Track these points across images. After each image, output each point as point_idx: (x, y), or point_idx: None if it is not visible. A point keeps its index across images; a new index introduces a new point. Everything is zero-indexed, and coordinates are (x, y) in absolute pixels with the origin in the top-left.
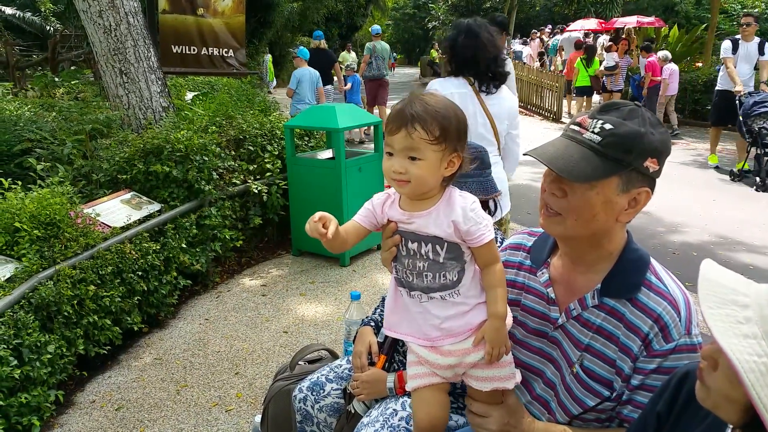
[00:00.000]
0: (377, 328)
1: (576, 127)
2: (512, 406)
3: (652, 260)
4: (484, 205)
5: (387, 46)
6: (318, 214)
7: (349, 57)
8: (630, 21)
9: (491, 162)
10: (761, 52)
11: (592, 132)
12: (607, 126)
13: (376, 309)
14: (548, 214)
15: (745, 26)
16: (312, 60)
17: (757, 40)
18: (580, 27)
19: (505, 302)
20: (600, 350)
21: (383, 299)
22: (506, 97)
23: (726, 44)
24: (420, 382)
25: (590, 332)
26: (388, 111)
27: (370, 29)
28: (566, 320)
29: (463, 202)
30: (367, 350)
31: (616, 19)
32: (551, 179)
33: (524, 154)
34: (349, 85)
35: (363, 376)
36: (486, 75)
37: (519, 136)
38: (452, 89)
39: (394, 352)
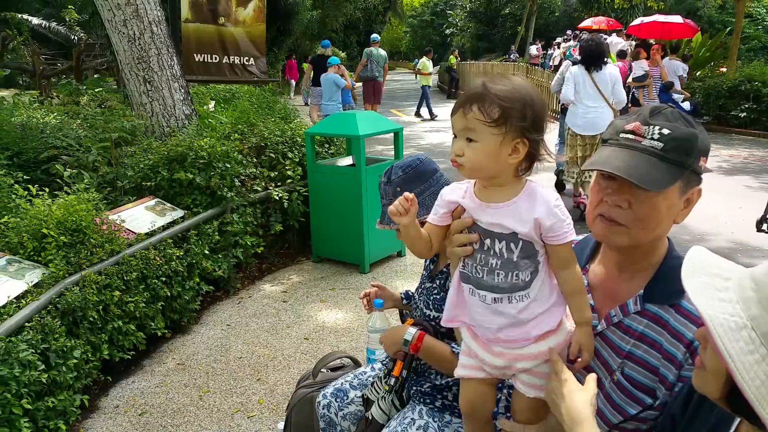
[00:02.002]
0: (406, 299)
1: (630, 135)
2: (550, 427)
3: None
4: None
5: (383, 52)
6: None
7: (429, 64)
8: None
9: (591, 107)
10: None
11: (652, 138)
12: (665, 131)
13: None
14: (608, 224)
15: None
16: (318, 65)
17: None
18: (590, 24)
19: (587, 306)
20: (642, 357)
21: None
22: (605, 71)
23: None
24: (466, 373)
25: (632, 339)
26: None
27: (371, 38)
28: (606, 327)
29: (548, 197)
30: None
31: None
32: (612, 190)
33: (584, 169)
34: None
35: (386, 333)
36: (591, 63)
37: (620, 90)
38: (574, 69)
39: (412, 361)
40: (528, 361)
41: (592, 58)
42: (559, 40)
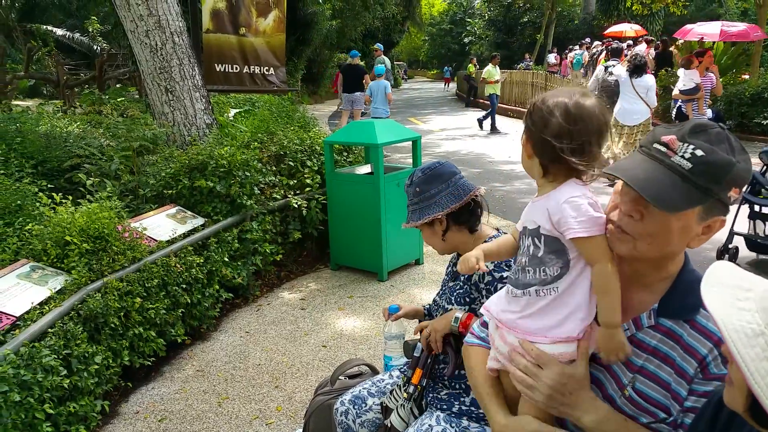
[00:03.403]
0: (429, 315)
1: (662, 148)
2: (575, 372)
3: None
4: (467, 207)
5: (388, 60)
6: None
7: (495, 71)
8: (709, 32)
9: (631, 103)
10: None
11: (682, 157)
12: (699, 152)
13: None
14: (615, 230)
15: None
16: (347, 73)
17: None
18: (621, 31)
19: (614, 310)
20: (654, 372)
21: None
22: (643, 79)
23: None
24: (491, 364)
25: (644, 354)
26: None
27: (375, 46)
28: None
29: (565, 191)
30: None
31: (690, 28)
32: (629, 199)
33: (606, 173)
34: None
35: (438, 318)
36: (634, 72)
37: (652, 95)
38: (622, 74)
39: (432, 365)
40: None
41: (637, 69)
42: (577, 48)
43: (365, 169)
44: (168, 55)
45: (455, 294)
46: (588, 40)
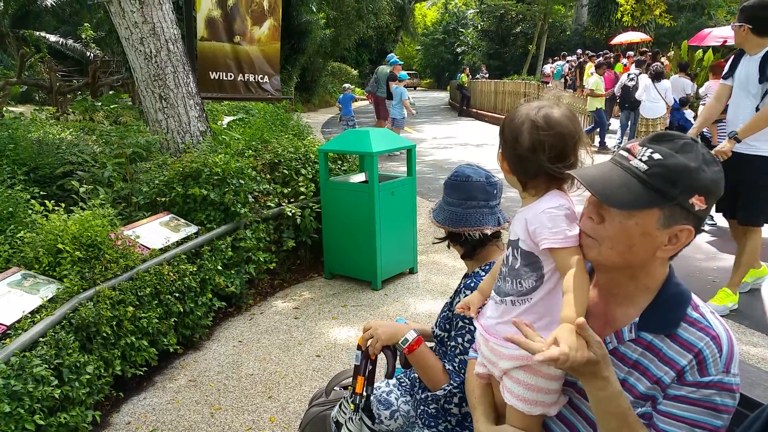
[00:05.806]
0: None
1: (625, 153)
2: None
3: (694, 296)
4: (457, 237)
5: (388, 69)
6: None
7: (602, 83)
8: None
9: (653, 101)
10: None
11: (640, 160)
12: (656, 156)
13: None
14: (582, 236)
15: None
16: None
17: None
18: (626, 40)
19: (578, 305)
20: (633, 385)
21: None
22: (662, 83)
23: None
24: (478, 369)
25: (626, 367)
26: (386, 125)
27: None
28: None
29: (545, 202)
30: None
31: (709, 31)
32: (591, 202)
33: (567, 173)
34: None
35: (382, 322)
36: (654, 77)
37: (669, 95)
38: (645, 80)
39: (373, 371)
40: (507, 360)
41: (656, 75)
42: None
43: (360, 177)
44: (162, 63)
45: (441, 317)
46: (579, 51)
